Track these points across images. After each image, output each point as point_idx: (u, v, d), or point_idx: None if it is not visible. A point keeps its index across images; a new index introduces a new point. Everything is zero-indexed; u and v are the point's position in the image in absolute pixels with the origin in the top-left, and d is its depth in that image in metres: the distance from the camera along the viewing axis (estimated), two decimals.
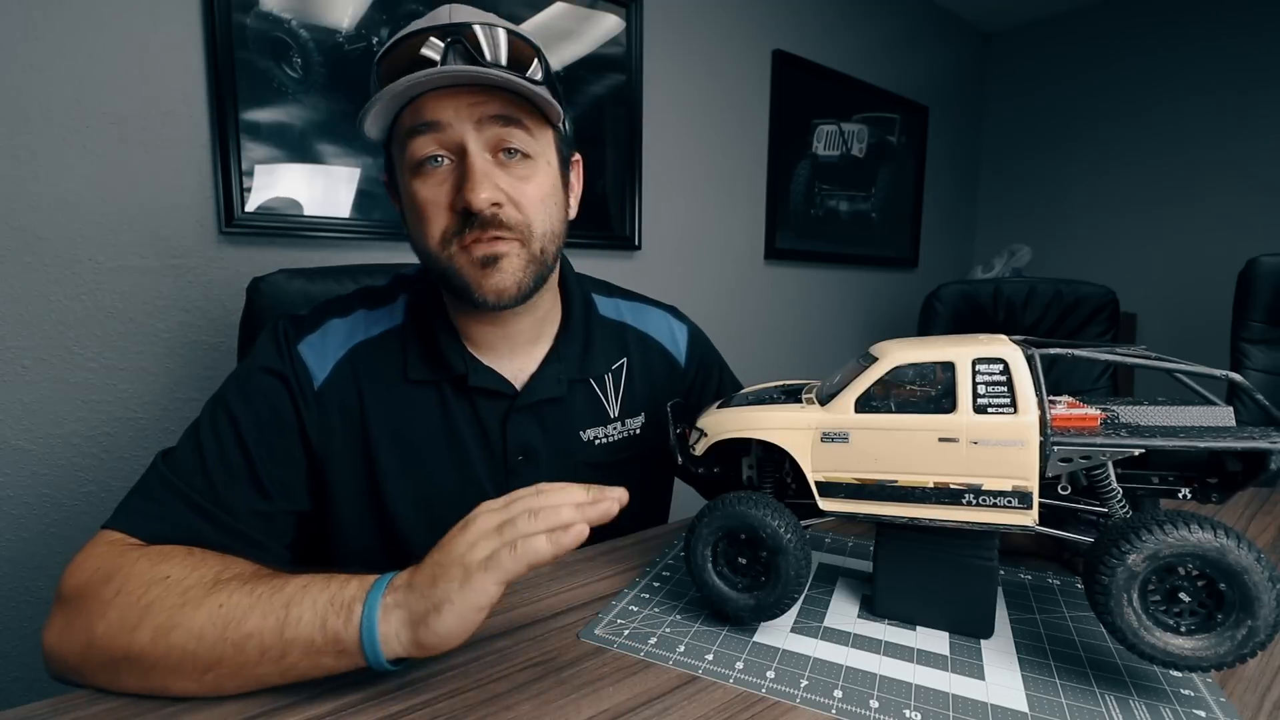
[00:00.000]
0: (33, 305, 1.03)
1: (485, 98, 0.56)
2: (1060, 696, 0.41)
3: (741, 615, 0.48)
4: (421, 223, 0.59)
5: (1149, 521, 0.38)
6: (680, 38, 1.83)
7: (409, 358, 0.64)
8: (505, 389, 0.65)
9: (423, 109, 0.56)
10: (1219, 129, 2.35)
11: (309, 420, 0.60)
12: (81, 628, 0.44)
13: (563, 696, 0.42)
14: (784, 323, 2.27)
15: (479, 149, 0.56)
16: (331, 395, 0.61)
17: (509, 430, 0.65)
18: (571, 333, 0.69)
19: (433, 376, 0.64)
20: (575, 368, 0.69)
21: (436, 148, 0.57)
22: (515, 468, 0.65)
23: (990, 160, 3.02)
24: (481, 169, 0.56)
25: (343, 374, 0.62)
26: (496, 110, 0.56)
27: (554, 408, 0.67)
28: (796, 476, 0.52)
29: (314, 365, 0.61)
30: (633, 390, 0.74)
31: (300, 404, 0.60)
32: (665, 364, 0.78)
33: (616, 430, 0.72)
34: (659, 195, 1.83)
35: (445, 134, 0.56)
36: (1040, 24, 2.81)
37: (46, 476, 1.06)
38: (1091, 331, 1.61)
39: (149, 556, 0.47)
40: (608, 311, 0.76)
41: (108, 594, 0.44)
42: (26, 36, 0.99)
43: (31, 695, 0.64)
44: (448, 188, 0.57)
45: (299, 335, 0.62)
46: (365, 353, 0.64)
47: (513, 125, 0.57)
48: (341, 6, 1.25)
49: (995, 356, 0.43)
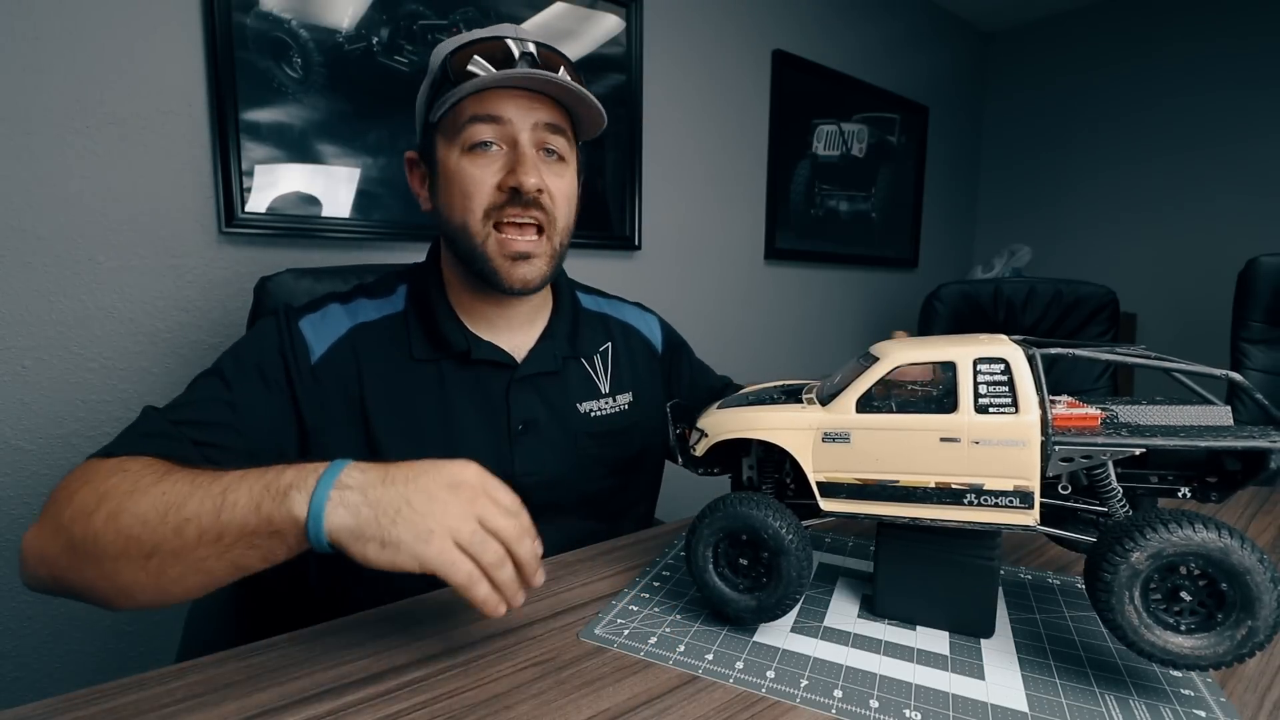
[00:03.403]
0: (33, 305, 1.03)
1: (541, 105, 0.65)
2: (1060, 696, 0.41)
3: (743, 616, 0.48)
4: (467, 197, 0.64)
5: (1153, 520, 0.38)
6: (680, 38, 1.83)
7: (412, 338, 0.69)
8: (507, 360, 0.70)
9: (488, 102, 0.63)
10: (1219, 129, 2.35)
11: (302, 392, 0.63)
12: (52, 518, 0.49)
13: (563, 696, 0.42)
14: (784, 323, 2.27)
15: (529, 143, 0.65)
16: (328, 371, 0.65)
17: (512, 400, 0.70)
18: (562, 316, 0.76)
19: (434, 355, 0.69)
20: (566, 346, 0.75)
21: (492, 136, 0.64)
22: (517, 436, 0.69)
23: (990, 160, 3.02)
24: (532, 158, 0.64)
25: (342, 351, 0.66)
26: (549, 118, 0.65)
27: (551, 381, 0.73)
28: (797, 477, 0.52)
29: (312, 341, 0.65)
30: (620, 370, 0.80)
31: (294, 374, 0.63)
32: (645, 349, 0.85)
33: (609, 405, 0.77)
34: (659, 195, 1.83)
35: (504, 128, 0.64)
36: (1040, 24, 2.81)
37: (46, 476, 1.06)
38: (1091, 331, 1.61)
39: (117, 458, 0.52)
40: (589, 304, 0.83)
41: (75, 485, 0.49)
42: (26, 36, 0.99)
43: (32, 695, 0.64)
44: (495, 169, 0.64)
45: (300, 314, 0.67)
46: (366, 334, 0.68)
47: (557, 134, 0.67)
48: (341, 6, 1.25)
49: (996, 356, 0.43)
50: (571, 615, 0.52)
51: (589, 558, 0.64)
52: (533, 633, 0.50)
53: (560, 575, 0.60)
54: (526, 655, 0.47)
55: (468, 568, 0.43)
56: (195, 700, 0.41)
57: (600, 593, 0.56)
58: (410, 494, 0.43)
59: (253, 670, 0.45)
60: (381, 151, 1.31)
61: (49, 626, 1.08)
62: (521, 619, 0.52)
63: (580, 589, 0.57)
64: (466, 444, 0.67)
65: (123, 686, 0.43)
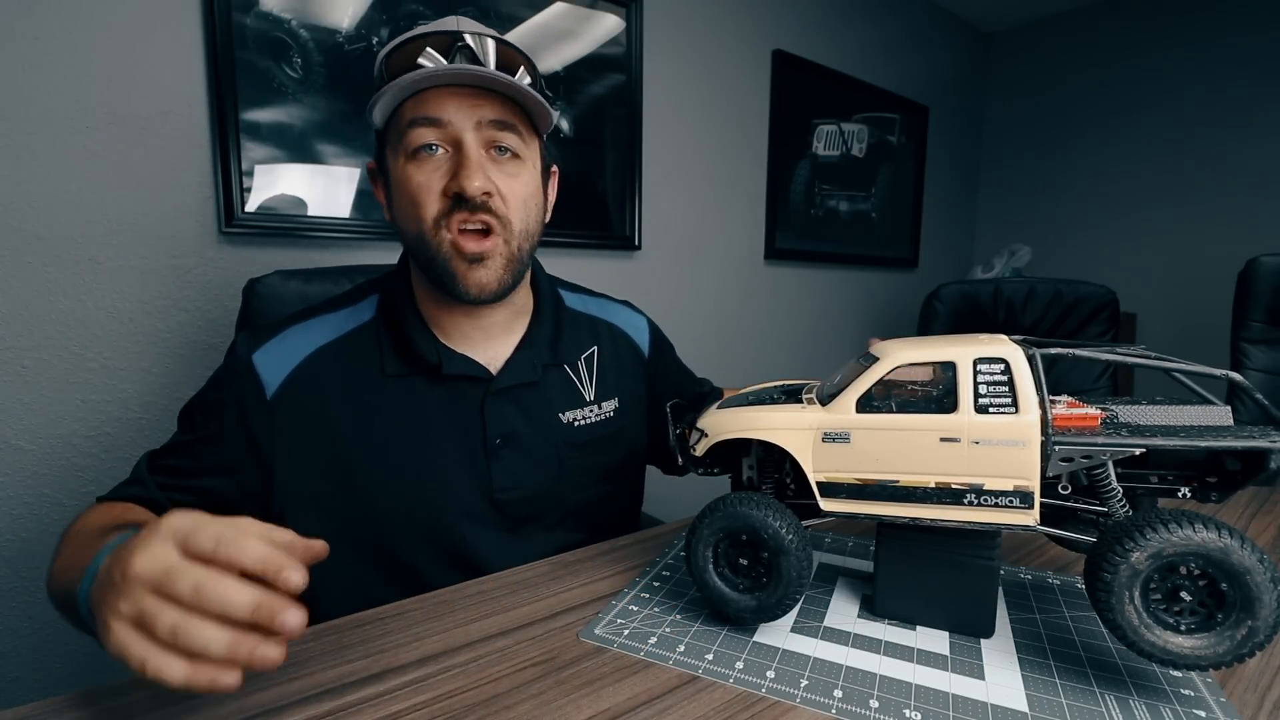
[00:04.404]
0: (33, 305, 1.03)
1: (484, 101, 0.61)
2: (1060, 696, 0.41)
3: (743, 616, 0.48)
4: (414, 206, 0.61)
5: (1153, 520, 0.38)
6: (680, 38, 1.83)
7: (384, 352, 0.67)
8: (480, 374, 0.68)
9: (426, 103, 0.60)
10: (1219, 129, 2.35)
11: (259, 429, 0.63)
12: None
13: (563, 696, 0.42)
14: (784, 323, 2.27)
15: (474, 143, 0.61)
16: (286, 403, 0.64)
17: (487, 414, 0.67)
18: (542, 322, 0.73)
19: (405, 369, 0.66)
20: (547, 353, 0.72)
21: (435, 138, 0.60)
22: (495, 451, 0.67)
23: (990, 160, 3.02)
24: (476, 159, 0.60)
25: (300, 380, 0.65)
26: (494, 115, 0.61)
27: (530, 391, 0.70)
28: (797, 477, 0.52)
29: (266, 375, 0.64)
30: (605, 376, 0.77)
31: (248, 413, 0.63)
32: (631, 351, 0.83)
33: (594, 413, 0.75)
34: (659, 195, 1.83)
35: (445, 130, 0.60)
36: (1040, 24, 2.81)
37: (46, 476, 1.06)
38: (1091, 331, 1.61)
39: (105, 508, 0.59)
40: (575, 305, 0.80)
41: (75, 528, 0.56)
42: (26, 36, 0.99)
43: (32, 695, 0.64)
44: (440, 174, 0.61)
45: (256, 344, 0.65)
46: (327, 356, 0.66)
47: (506, 130, 0.62)
48: (341, 6, 1.25)
49: (996, 356, 0.43)
50: (571, 615, 0.52)
51: (589, 558, 0.64)
52: (533, 633, 0.50)
53: (560, 575, 0.60)
54: (526, 655, 0.47)
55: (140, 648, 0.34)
56: (195, 700, 0.41)
57: (600, 593, 0.56)
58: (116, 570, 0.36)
59: (252, 670, 0.45)
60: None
61: (49, 626, 1.08)
62: (521, 619, 0.52)
63: (580, 589, 0.57)
64: (441, 461, 0.66)
65: (123, 686, 0.43)
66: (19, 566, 1.05)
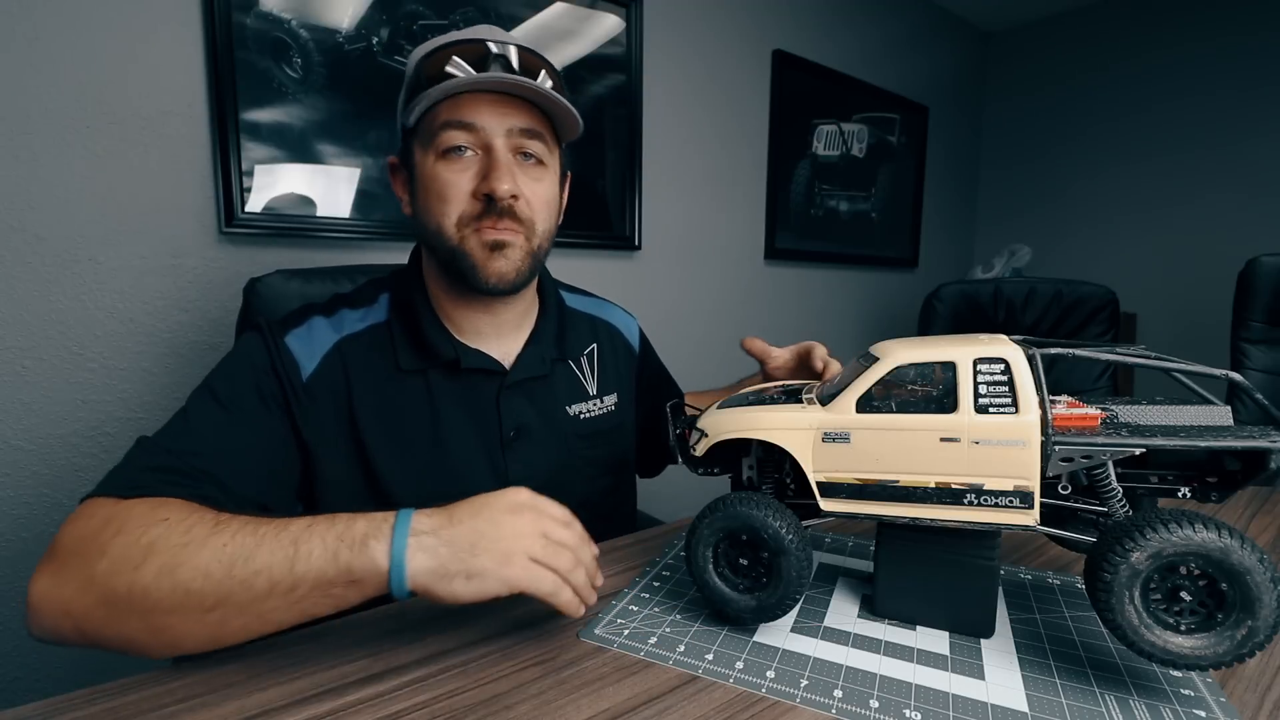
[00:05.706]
0: (33, 305, 1.03)
1: (515, 109, 0.64)
2: (1060, 696, 0.41)
3: (743, 616, 0.48)
4: (442, 202, 0.63)
5: (1153, 520, 0.38)
6: (680, 38, 1.83)
7: (398, 349, 0.67)
8: (496, 367, 0.69)
9: (461, 107, 0.62)
10: (1219, 129, 2.35)
11: (298, 411, 0.62)
12: (78, 569, 0.45)
13: (563, 696, 0.42)
14: (784, 323, 2.27)
15: (504, 148, 0.63)
16: (321, 387, 0.63)
17: (503, 408, 0.69)
18: (548, 319, 0.75)
19: (421, 364, 0.67)
20: (554, 348, 0.75)
21: (466, 141, 0.63)
22: (510, 442, 0.69)
23: (990, 160, 3.02)
24: (506, 163, 0.63)
25: (332, 366, 0.64)
26: (524, 123, 0.64)
27: (540, 385, 0.73)
28: (797, 477, 0.52)
29: (301, 357, 0.64)
30: (604, 371, 0.80)
31: (289, 393, 0.62)
32: (625, 350, 0.86)
33: (597, 406, 0.78)
34: (659, 195, 1.83)
35: (478, 134, 0.63)
36: (1040, 24, 2.81)
37: (46, 476, 1.06)
38: (1091, 331, 1.61)
39: (146, 503, 0.48)
40: (575, 304, 0.83)
41: (106, 535, 0.45)
42: (27, 36, 0.99)
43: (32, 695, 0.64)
44: (470, 175, 0.63)
45: (285, 329, 0.65)
46: (353, 346, 0.66)
47: (534, 138, 0.65)
48: (341, 6, 1.25)
49: (996, 356, 0.43)
50: None
51: None
52: (533, 633, 0.50)
53: None
54: (526, 655, 0.47)
55: (551, 578, 0.46)
56: (195, 700, 0.41)
57: (600, 593, 0.56)
58: (480, 526, 0.46)
59: (253, 670, 0.45)
60: (381, 151, 1.31)
61: None
62: (522, 619, 0.52)
63: None
64: (458, 454, 0.67)
65: (123, 686, 0.43)
66: (19, 566, 1.05)
